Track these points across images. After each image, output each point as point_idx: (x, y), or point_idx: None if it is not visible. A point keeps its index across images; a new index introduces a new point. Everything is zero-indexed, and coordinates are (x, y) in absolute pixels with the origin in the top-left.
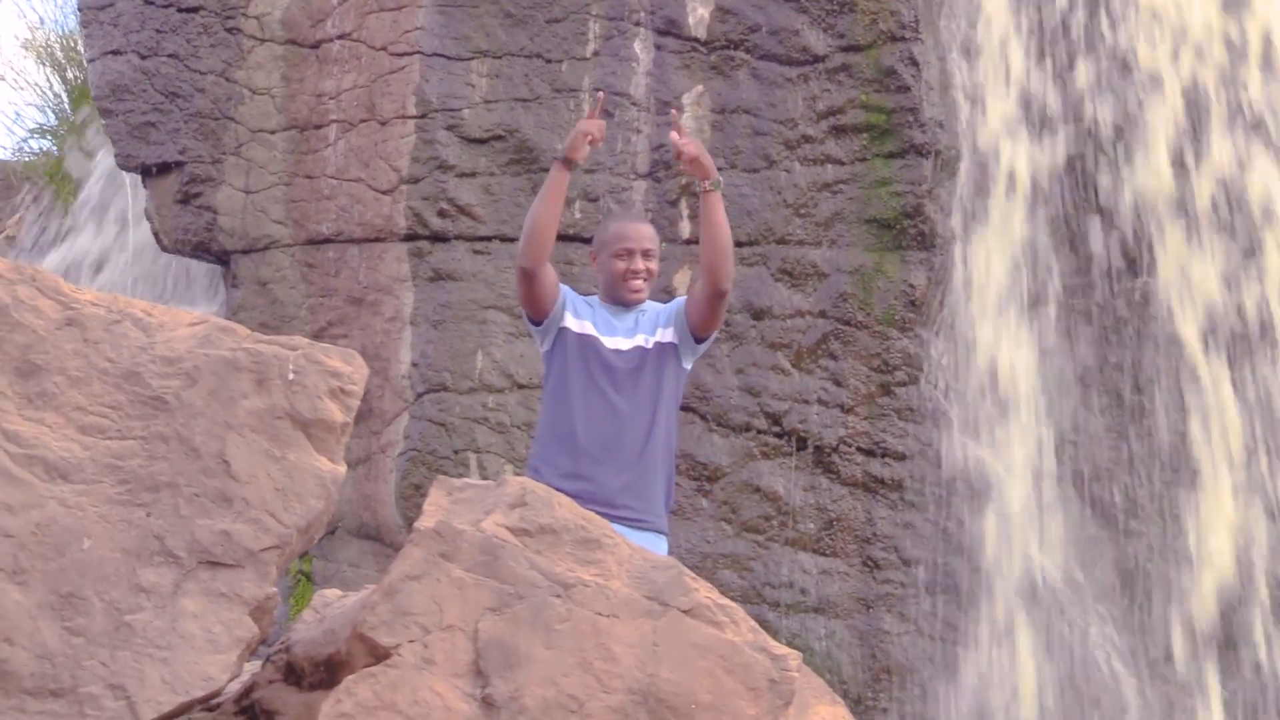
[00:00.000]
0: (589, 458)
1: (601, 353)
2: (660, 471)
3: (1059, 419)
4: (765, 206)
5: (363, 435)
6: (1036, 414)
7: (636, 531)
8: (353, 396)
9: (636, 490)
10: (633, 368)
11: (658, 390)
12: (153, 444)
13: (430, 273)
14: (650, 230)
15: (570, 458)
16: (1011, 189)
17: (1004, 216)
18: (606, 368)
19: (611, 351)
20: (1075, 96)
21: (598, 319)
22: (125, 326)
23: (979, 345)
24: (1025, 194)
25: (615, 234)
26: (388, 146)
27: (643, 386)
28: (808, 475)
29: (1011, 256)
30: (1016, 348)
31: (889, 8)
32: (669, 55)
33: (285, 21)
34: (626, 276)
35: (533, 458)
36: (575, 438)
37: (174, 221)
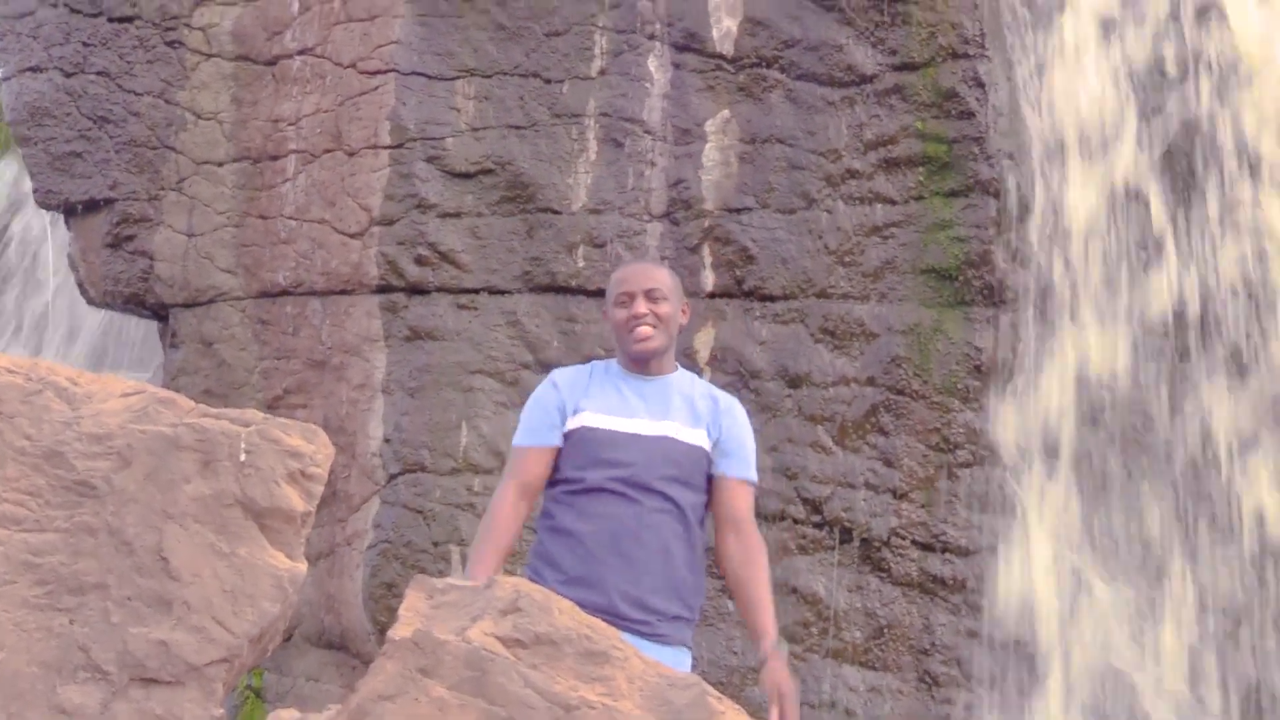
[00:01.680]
0: (598, 561)
1: (616, 438)
2: (685, 577)
3: (1160, 511)
4: (803, 254)
5: (325, 524)
6: (1130, 504)
7: (656, 646)
8: (315, 481)
9: (655, 600)
10: (657, 461)
11: (685, 484)
12: (78, 537)
13: (406, 331)
14: (658, 272)
15: (576, 559)
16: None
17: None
18: (620, 459)
19: (629, 438)
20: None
21: (609, 395)
22: (46, 397)
23: (1056, 420)
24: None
25: (616, 280)
26: (357, 181)
27: (665, 480)
28: (854, 573)
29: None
30: (1099, 424)
31: (949, 19)
32: (689, 75)
33: (236, 34)
34: (629, 325)
35: (531, 556)
36: (582, 536)
37: (103, 269)
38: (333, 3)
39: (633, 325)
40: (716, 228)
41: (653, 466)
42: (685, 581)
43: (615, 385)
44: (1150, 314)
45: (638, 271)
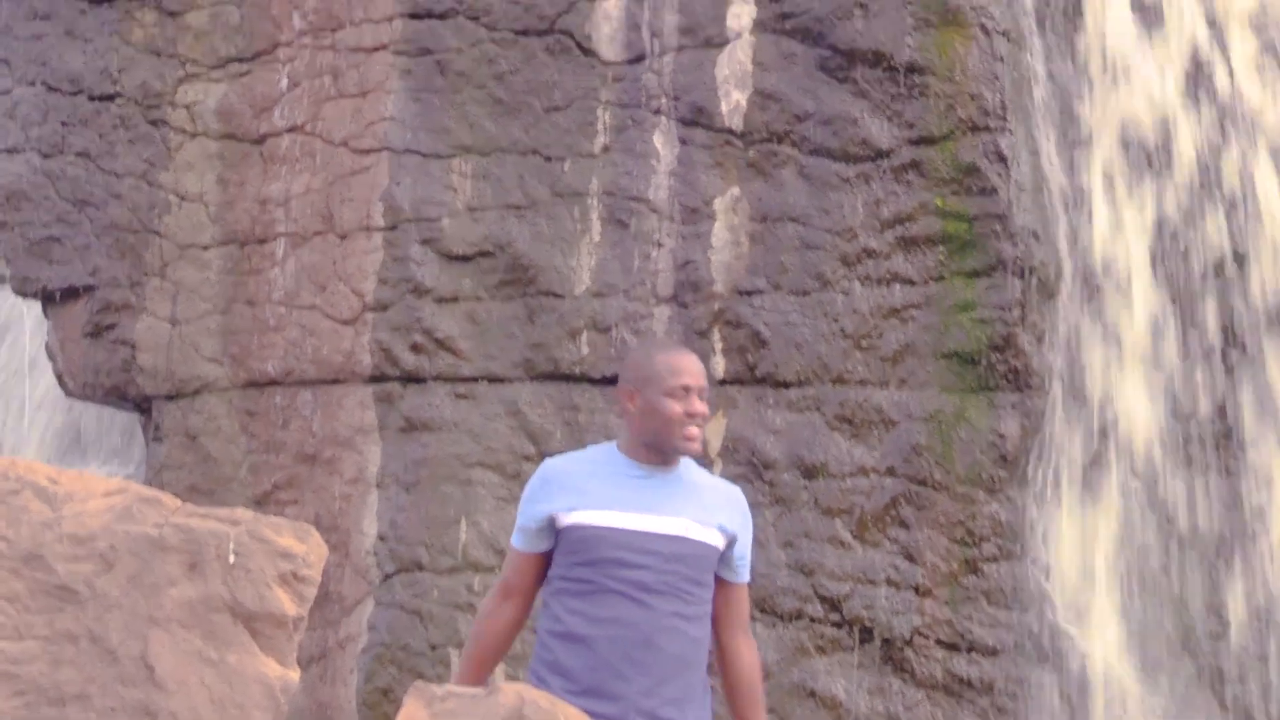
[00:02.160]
0: (612, 670)
1: (625, 537)
2: (701, 683)
3: (1192, 606)
4: (818, 337)
5: (317, 626)
6: (1162, 600)
7: None
8: (308, 583)
9: (672, 711)
10: (671, 561)
11: (700, 587)
12: (58, 645)
13: (402, 422)
14: (701, 365)
15: (587, 668)
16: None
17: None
18: (634, 561)
19: (640, 535)
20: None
21: (614, 488)
22: (25, 498)
23: (1089, 508)
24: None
25: (669, 367)
26: (349, 265)
27: (683, 581)
28: (875, 675)
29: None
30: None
31: (969, 90)
32: (697, 151)
33: (221, 111)
34: (684, 422)
35: (535, 663)
36: (593, 644)
37: (82, 360)
38: (323, 78)
39: (688, 423)
40: (727, 311)
41: (666, 567)
42: (701, 688)
43: (621, 477)
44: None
45: (694, 365)
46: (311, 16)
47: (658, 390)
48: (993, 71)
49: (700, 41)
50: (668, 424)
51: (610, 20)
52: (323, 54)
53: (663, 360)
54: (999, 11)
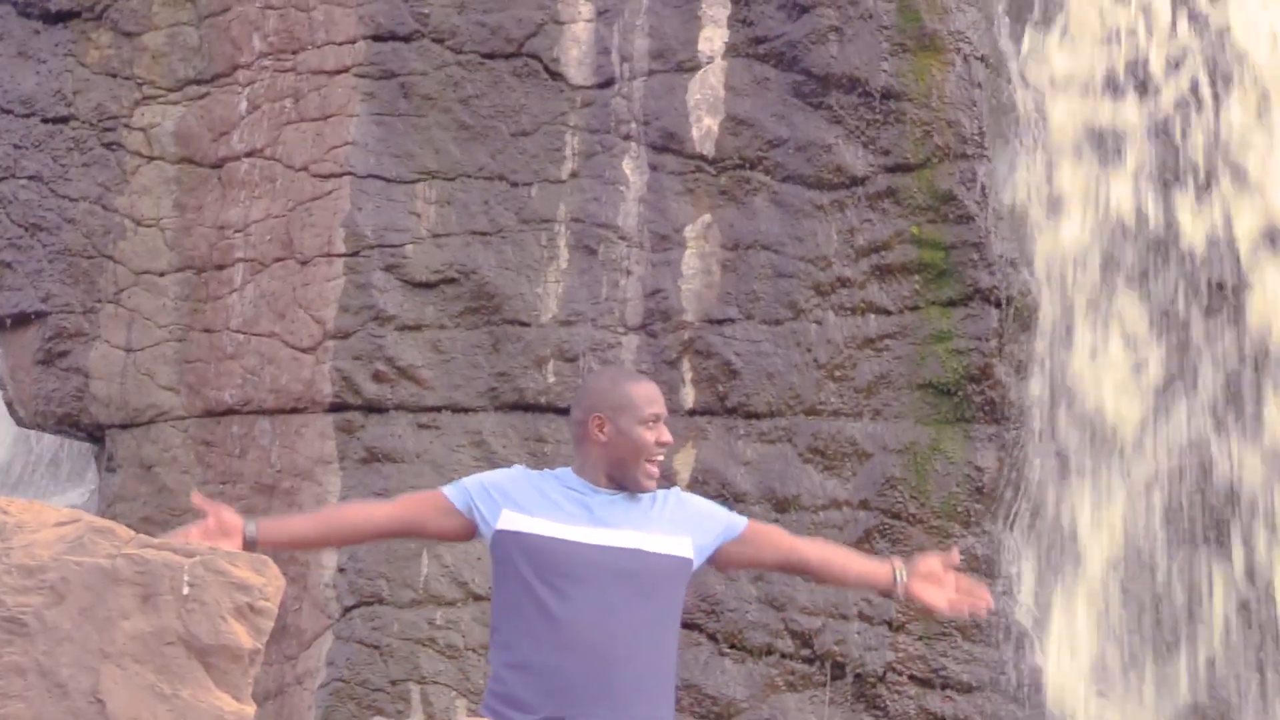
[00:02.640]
0: (570, 697)
1: (582, 557)
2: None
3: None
4: (791, 368)
5: (274, 661)
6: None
7: None
8: (265, 615)
9: None
10: (625, 576)
11: (660, 605)
12: (6, 678)
13: (363, 452)
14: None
15: (543, 696)
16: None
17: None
18: (586, 577)
19: (593, 550)
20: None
21: (570, 507)
22: None
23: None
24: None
25: (643, 397)
26: (309, 292)
27: (638, 600)
28: (847, 712)
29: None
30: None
31: (945, 117)
32: (667, 177)
33: (179, 135)
34: (652, 454)
35: (489, 697)
36: (547, 671)
37: (34, 388)
38: (283, 101)
39: (657, 453)
40: (697, 340)
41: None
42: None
43: (577, 498)
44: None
45: (659, 395)
46: (272, 38)
47: (632, 419)
48: (970, 98)
49: (671, 66)
50: (637, 453)
51: (579, 44)
52: (283, 76)
53: (634, 389)
54: (977, 36)
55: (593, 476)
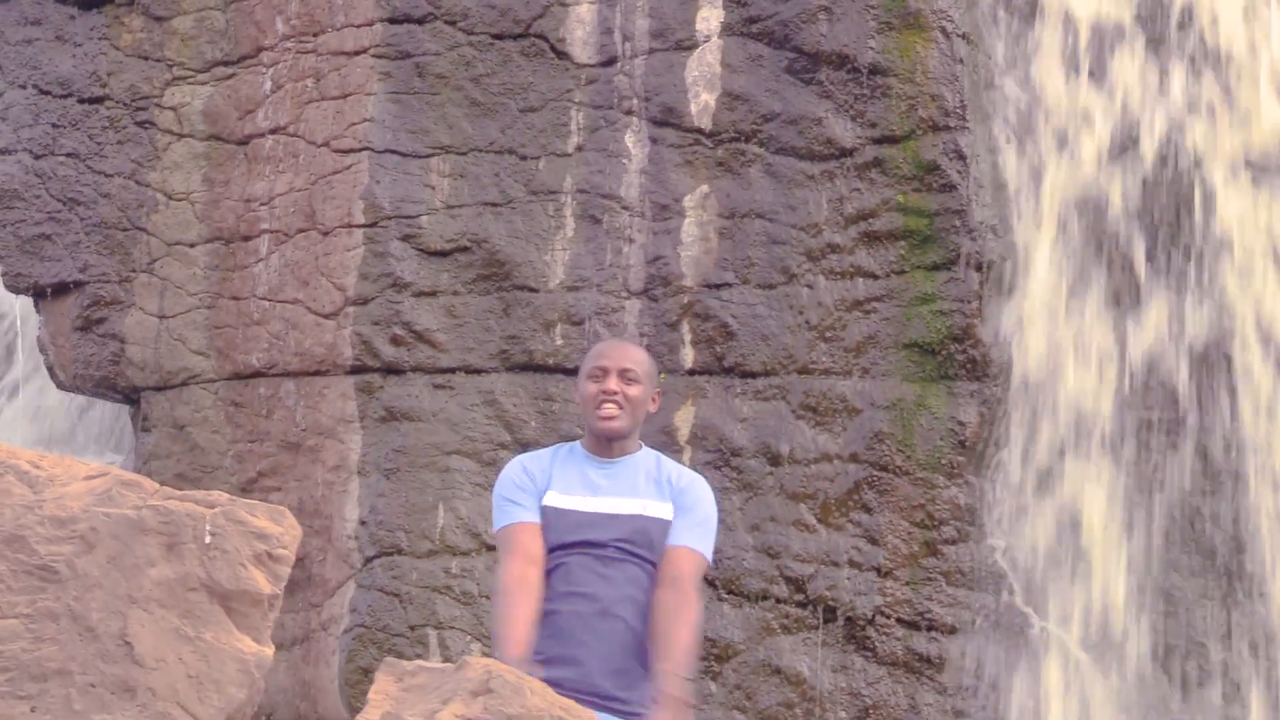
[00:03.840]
0: (572, 639)
1: (584, 521)
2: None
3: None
4: (784, 329)
5: (300, 609)
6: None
7: None
8: (283, 563)
9: (631, 677)
10: (628, 538)
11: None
12: (40, 623)
13: (382, 412)
14: (637, 353)
15: (550, 639)
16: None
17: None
18: (593, 538)
19: (596, 517)
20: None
21: (572, 477)
22: (8, 481)
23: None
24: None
25: (591, 354)
26: (331, 261)
27: (638, 559)
28: (838, 653)
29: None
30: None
31: (929, 91)
32: (667, 150)
33: (208, 113)
34: (598, 400)
35: None
36: (556, 617)
37: (73, 353)
38: (305, 81)
39: (601, 401)
40: (696, 304)
41: (624, 544)
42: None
43: (579, 467)
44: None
45: (615, 349)
46: (294, 21)
47: (583, 377)
48: (952, 73)
49: (670, 45)
50: (586, 405)
51: (583, 24)
52: (305, 58)
53: (593, 350)
54: (959, 15)
55: (590, 445)
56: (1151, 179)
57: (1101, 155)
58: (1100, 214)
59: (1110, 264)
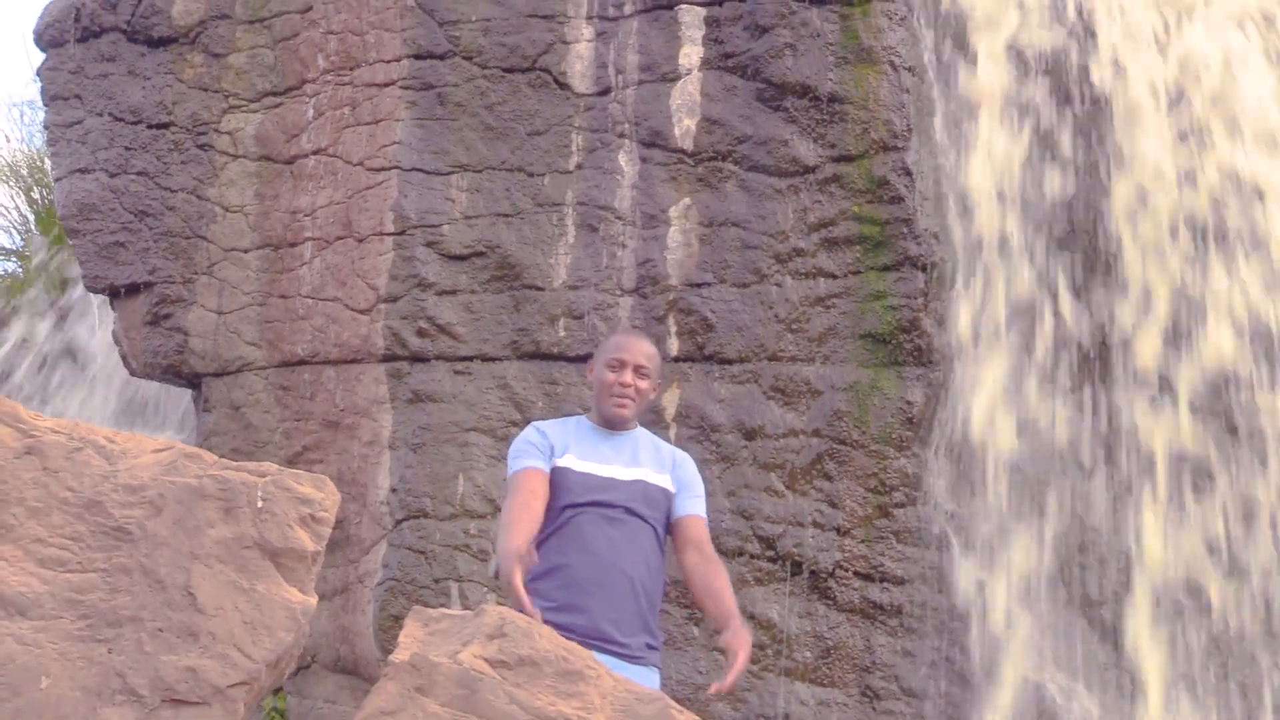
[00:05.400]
0: (580, 590)
1: (596, 484)
2: (653, 606)
3: (1065, 538)
4: (756, 322)
5: (339, 564)
6: (1040, 534)
7: (632, 666)
8: (324, 524)
9: (630, 624)
10: (631, 500)
11: (655, 524)
12: (115, 576)
13: (409, 394)
14: (650, 349)
15: (561, 590)
16: (1009, 299)
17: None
18: (601, 500)
19: (605, 481)
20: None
21: (585, 445)
22: (87, 454)
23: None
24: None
25: (612, 345)
26: (365, 264)
27: (640, 520)
28: (803, 601)
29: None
30: (1018, 464)
31: (880, 116)
32: (654, 167)
33: (259, 137)
34: (613, 389)
35: None
36: (567, 570)
37: (143, 344)
38: (343, 109)
39: (616, 392)
40: (680, 300)
41: (629, 505)
42: (653, 609)
43: (590, 438)
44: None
45: (634, 343)
46: (333, 57)
47: (600, 362)
48: (900, 101)
49: (657, 77)
50: (602, 390)
51: (582, 59)
52: (343, 89)
53: (613, 340)
54: (905, 51)
55: (596, 419)
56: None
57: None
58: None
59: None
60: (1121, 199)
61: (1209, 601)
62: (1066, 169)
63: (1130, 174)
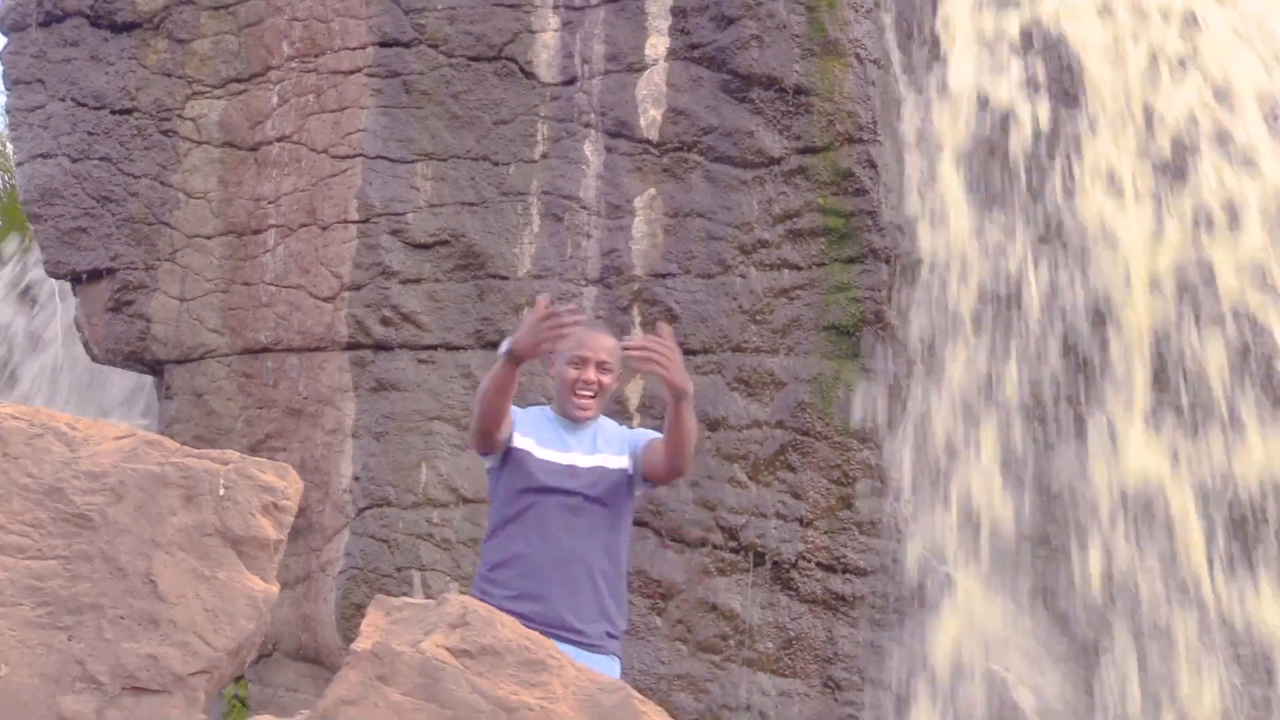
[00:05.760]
0: (539, 578)
1: (555, 471)
2: (614, 593)
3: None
4: (720, 313)
5: (302, 553)
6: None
7: (590, 655)
8: (286, 512)
9: (590, 612)
10: (591, 487)
11: (615, 511)
12: (76, 563)
13: (373, 383)
14: (611, 343)
15: (520, 578)
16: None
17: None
18: (560, 487)
19: (565, 468)
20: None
21: (548, 434)
22: (48, 440)
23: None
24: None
25: (573, 341)
26: (329, 252)
27: (600, 506)
28: (766, 592)
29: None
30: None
31: (846, 109)
32: (620, 158)
33: (223, 124)
34: (575, 388)
35: (478, 579)
36: (526, 558)
37: (105, 330)
38: (307, 96)
39: (579, 390)
40: (644, 291)
41: (588, 492)
42: (614, 597)
43: (552, 427)
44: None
45: (595, 339)
46: (298, 44)
47: (563, 360)
48: (865, 93)
49: (623, 67)
50: (564, 387)
51: (548, 49)
52: (307, 76)
53: (575, 335)
54: (871, 43)
55: (558, 410)
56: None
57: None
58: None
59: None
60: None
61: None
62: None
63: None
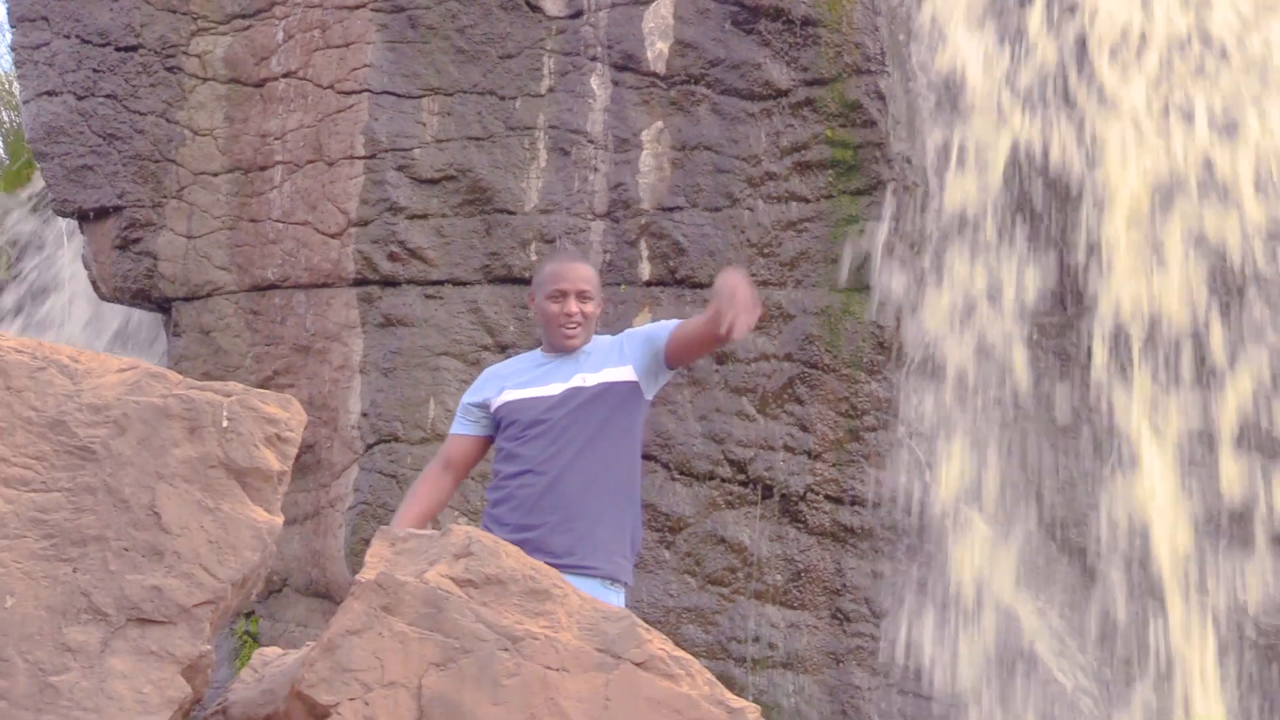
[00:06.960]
0: (525, 509)
1: (534, 406)
2: (608, 515)
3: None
4: (728, 246)
5: (311, 489)
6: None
7: (582, 579)
8: (290, 444)
9: (580, 535)
10: (565, 411)
11: (599, 428)
12: (79, 496)
13: (380, 319)
14: (588, 271)
15: (514, 511)
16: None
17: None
18: (537, 419)
19: (541, 399)
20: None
21: (526, 375)
22: (50, 374)
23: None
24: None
25: (550, 274)
26: (335, 188)
27: (578, 427)
28: (774, 525)
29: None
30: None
31: (853, 40)
32: (627, 91)
33: (228, 60)
34: (560, 321)
35: (484, 517)
36: (519, 490)
37: (112, 268)
38: (313, 31)
39: (564, 323)
40: (652, 225)
41: (567, 417)
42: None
43: (531, 368)
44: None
45: (570, 269)
46: None
47: (542, 295)
48: (874, 24)
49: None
50: (548, 323)
51: None
52: (313, 11)
53: (549, 269)
54: None
55: (545, 346)
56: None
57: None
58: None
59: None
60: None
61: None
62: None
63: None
